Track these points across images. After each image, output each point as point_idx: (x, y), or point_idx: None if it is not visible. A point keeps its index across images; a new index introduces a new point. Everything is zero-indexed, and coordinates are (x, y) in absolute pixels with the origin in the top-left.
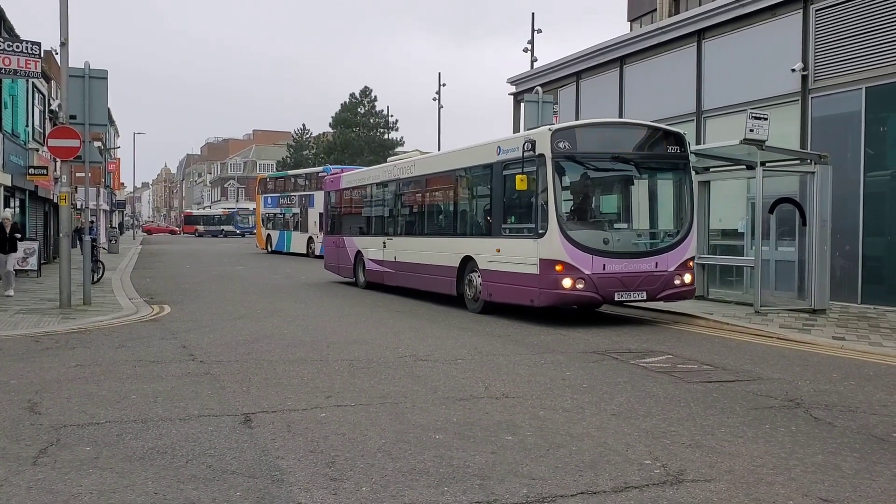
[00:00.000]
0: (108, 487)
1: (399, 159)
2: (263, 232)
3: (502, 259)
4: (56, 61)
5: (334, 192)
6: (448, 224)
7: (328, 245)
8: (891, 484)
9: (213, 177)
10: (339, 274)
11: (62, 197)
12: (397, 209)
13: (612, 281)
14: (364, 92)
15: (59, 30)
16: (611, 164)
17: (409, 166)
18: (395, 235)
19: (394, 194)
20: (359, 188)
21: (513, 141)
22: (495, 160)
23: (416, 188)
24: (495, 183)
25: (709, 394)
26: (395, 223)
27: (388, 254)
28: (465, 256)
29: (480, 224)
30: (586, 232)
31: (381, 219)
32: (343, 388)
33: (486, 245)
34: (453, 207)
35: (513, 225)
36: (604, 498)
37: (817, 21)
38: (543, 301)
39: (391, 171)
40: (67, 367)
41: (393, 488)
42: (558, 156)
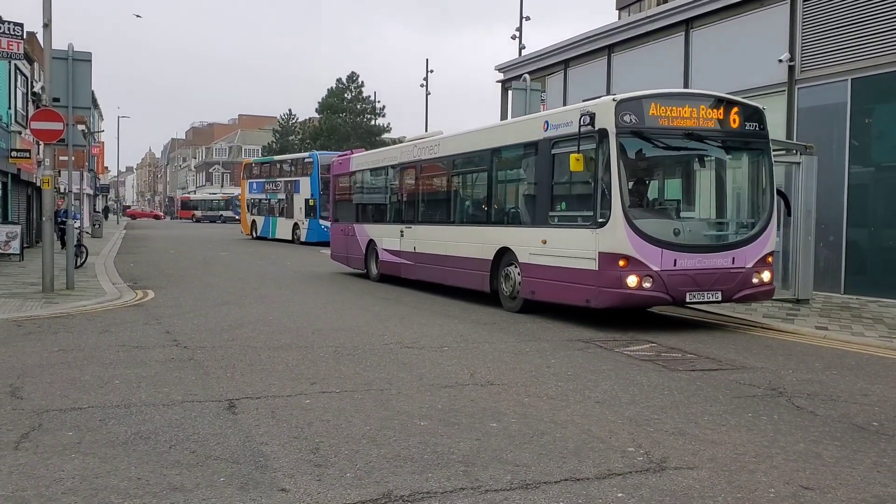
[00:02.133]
0: (90, 472)
1: (420, 138)
2: (248, 217)
3: (549, 252)
4: (39, 43)
5: (343, 175)
6: (480, 211)
7: (335, 233)
8: (870, 472)
9: (197, 161)
10: (348, 265)
11: (45, 180)
12: (418, 194)
13: (683, 279)
14: (351, 77)
15: (42, 11)
16: (682, 141)
17: (433, 146)
18: (414, 223)
19: (414, 177)
20: (372, 171)
21: (564, 114)
22: (541, 137)
23: (442, 170)
24: (541, 163)
25: (692, 382)
26: (415, 210)
27: (407, 244)
28: (500, 248)
29: (521, 211)
30: (655, 221)
31: (398, 205)
32: (328, 375)
33: (528, 235)
34: (487, 192)
35: (563, 212)
36: (587, 485)
37: (805, 12)
38: (603, 301)
39: (411, 151)
40: (50, 352)
41: (377, 474)
42: (623, 131)
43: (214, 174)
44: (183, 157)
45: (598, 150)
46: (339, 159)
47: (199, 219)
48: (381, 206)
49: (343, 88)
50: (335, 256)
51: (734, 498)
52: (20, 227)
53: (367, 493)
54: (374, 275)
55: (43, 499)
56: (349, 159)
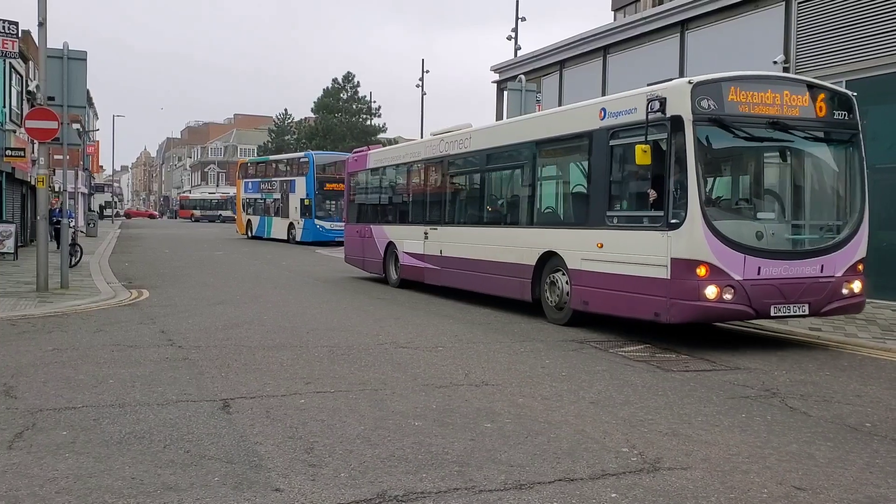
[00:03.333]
0: (84, 472)
1: (447, 132)
2: (243, 217)
3: (607, 257)
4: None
5: (359, 172)
6: (520, 210)
7: (350, 235)
8: (862, 472)
9: (193, 161)
10: (363, 269)
11: (40, 179)
12: (445, 192)
13: (768, 290)
14: (347, 77)
15: (37, 9)
16: (765, 131)
17: (463, 139)
18: (440, 224)
19: (440, 174)
20: (392, 168)
21: (626, 100)
22: (597, 126)
23: (473, 166)
24: (596, 156)
25: (686, 383)
26: (442, 210)
27: (432, 247)
28: (545, 253)
29: (570, 211)
30: (736, 223)
31: (421, 204)
32: (323, 375)
33: (579, 238)
34: (529, 189)
35: (624, 212)
36: (581, 485)
37: (799, 13)
38: (676, 315)
39: (437, 146)
40: (44, 351)
41: (371, 474)
42: (701, 118)
43: (210, 174)
44: (178, 156)
45: (670, 141)
46: (356, 156)
47: (197, 218)
48: (402, 205)
49: (339, 88)
50: (350, 259)
51: (727, 498)
52: (14, 226)
53: (361, 493)
54: (393, 280)
55: (36, 498)
56: (366, 156)
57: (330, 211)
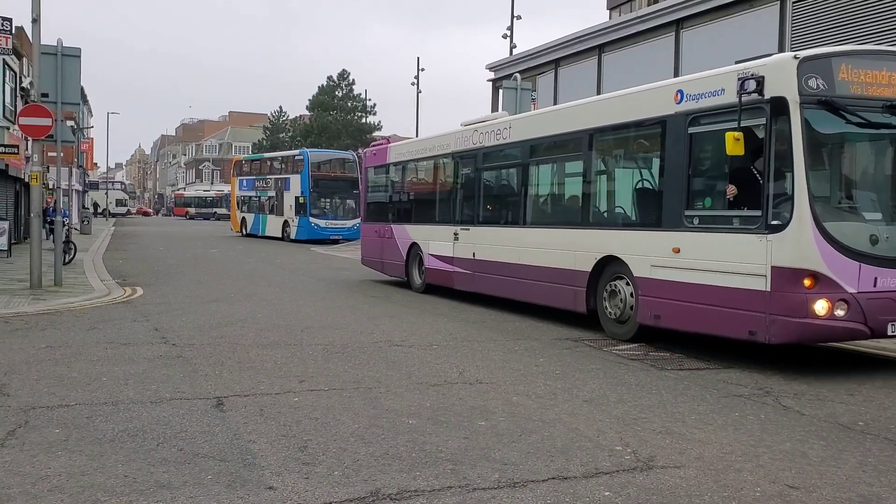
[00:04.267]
0: (77, 470)
1: (481, 121)
2: (238, 215)
3: (685, 263)
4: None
5: (378, 167)
6: (572, 209)
7: (368, 235)
8: (855, 471)
9: (187, 158)
10: (383, 271)
11: (33, 176)
12: (479, 189)
13: (885, 304)
14: (342, 75)
15: (31, 6)
16: (882, 115)
17: (501, 129)
18: (473, 224)
19: (473, 168)
20: (416, 162)
21: (711, 80)
22: (672, 112)
23: (514, 159)
24: (671, 146)
25: (680, 381)
26: (475, 208)
27: (463, 249)
28: (604, 257)
29: (637, 209)
30: (850, 225)
31: (451, 202)
32: (317, 373)
33: (649, 241)
34: (583, 185)
35: (708, 211)
36: (574, 483)
37: (794, 14)
38: (778, 335)
39: (469, 137)
40: (37, 349)
41: (365, 473)
42: (809, 100)
43: (204, 171)
44: (173, 153)
45: (769, 127)
46: (374, 149)
47: (192, 216)
48: (427, 203)
49: (334, 86)
50: (367, 261)
51: (720, 496)
52: (8, 224)
53: (354, 491)
54: (417, 284)
55: (29, 496)
56: (386, 149)
57: (325, 209)
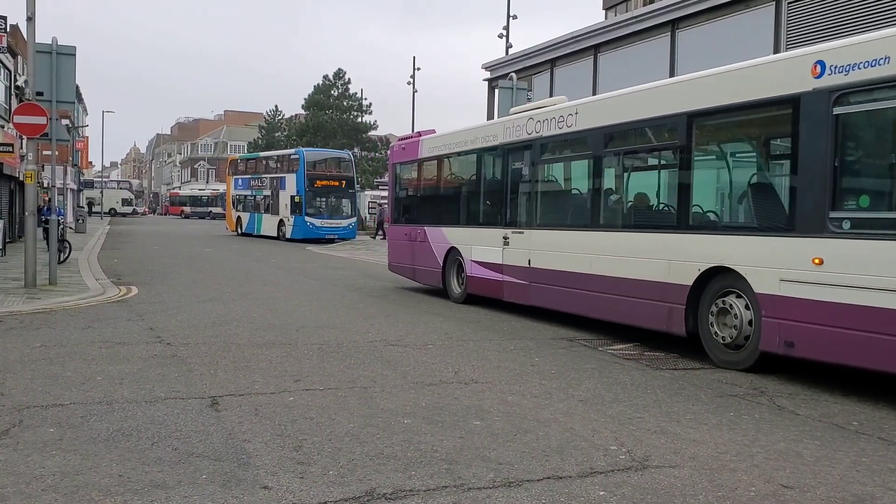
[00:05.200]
0: (71, 469)
1: (538, 107)
2: (233, 214)
3: (831, 278)
4: (23, 36)
5: (408, 163)
6: (665, 209)
7: (395, 237)
8: (849, 471)
9: (183, 157)
10: (414, 279)
11: (28, 175)
12: (535, 186)
13: None
14: (337, 74)
15: (26, 4)
16: None
17: (566, 116)
18: (529, 227)
19: (528, 162)
20: (455, 157)
21: (865, 48)
22: (809, 88)
23: (583, 150)
24: (808, 130)
25: (675, 381)
26: (531, 208)
27: (515, 255)
28: (711, 268)
29: (758, 210)
30: None
31: (498, 201)
32: (312, 372)
33: (778, 249)
34: (679, 179)
35: (865, 213)
36: (569, 483)
37: (789, 14)
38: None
39: (523, 126)
40: (32, 348)
41: (360, 472)
42: None
43: (199, 170)
44: (168, 152)
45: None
46: (403, 143)
47: (187, 215)
48: (469, 203)
49: (329, 85)
50: (395, 267)
51: (715, 496)
52: (3, 223)
53: (349, 490)
54: (456, 294)
55: (23, 496)
56: (418, 143)
57: (320, 208)
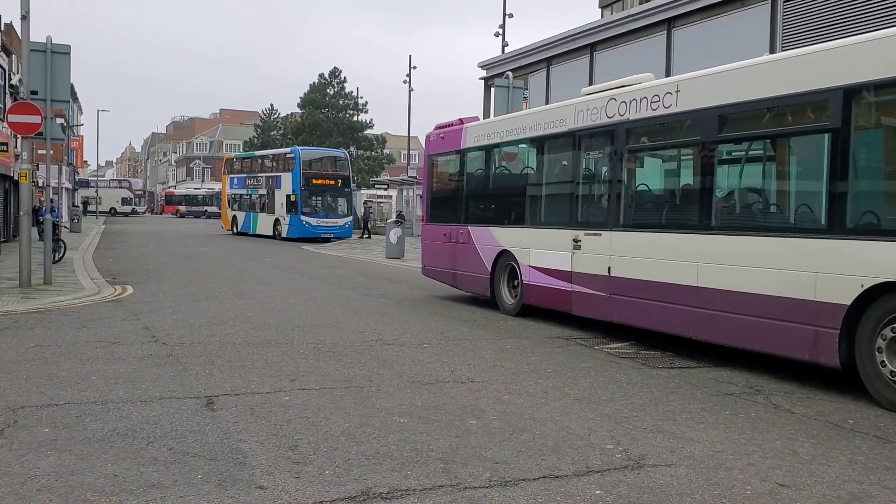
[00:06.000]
0: (66, 469)
1: (618, 87)
2: (229, 213)
3: None
4: (17, 35)
5: (447, 154)
6: (807, 208)
7: (432, 238)
8: (845, 469)
9: (178, 156)
10: (455, 285)
11: (23, 174)
12: (618, 179)
13: None
14: (333, 73)
15: (20, 2)
16: None
17: (661, 95)
18: (608, 228)
19: (609, 151)
20: (508, 146)
21: None
22: None
23: (687, 135)
24: None
25: (671, 380)
26: (613, 205)
27: (589, 261)
28: (878, 285)
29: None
30: None
31: (567, 197)
32: (308, 372)
33: None
34: (830, 170)
35: None
36: (566, 482)
37: (785, 13)
38: None
39: (603, 108)
40: (26, 348)
41: (356, 472)
42: None
43: (195, 169)
44: (163, 151)
45: None
46: (442, 132)
47: (183, 214)
48: (527, 199)
49: (325, 84)
50: (431, 272)
51: (711, 495)
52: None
53: (345, 490)
54: (508, 304)
55: (17, 496)
56: (461, 131)
57: (316, 207)
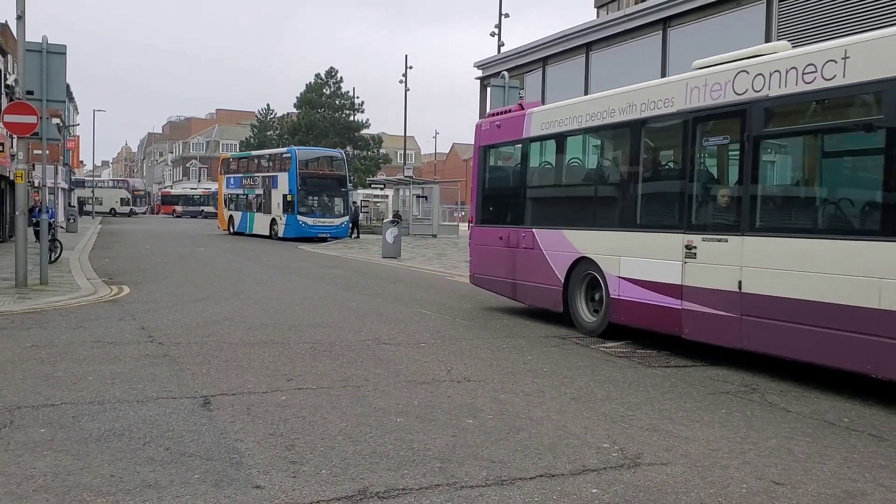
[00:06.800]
0: (62, 470)
1: (744, 57)
2: (225, 213)
3: None
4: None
5: (503, 145)
6: None
7: (485, 242)
8: (840, 467)
9: (174, 156)
10: (514, 297)
11: (18, 174)
12: (751, 170)
13: None
14: (329, 73)
15: (16, 2)
16: None
17: (819, 65)
18: (736, 232)
19: (736, 137)
20: (589, 133)
21: None
22: None
23: (851, 115)
24: None
25: (667, 379)
26: (745, 203)
27: (709, 272)
28: None
29: None
30: None
31: (674, 193)
32: (304, 371)
33: None
34: None
35: None
36: (562, 481)
37: (780, 12)
38: None
39: (726, 84)
40: (23, 348)
41: (353, 471)
42: None
43: (191, 169)
44: (160, 151)
45: None
46: (497, 120)
47: (179, 214)
48: (615, 195)
49: (321, 84)
50: (482, 280)
51: (707, 493)
52: None
53: (342, 489)
54: (587, 321)
55: (14, 497)
56: (524, 118)
57: (313, 207)
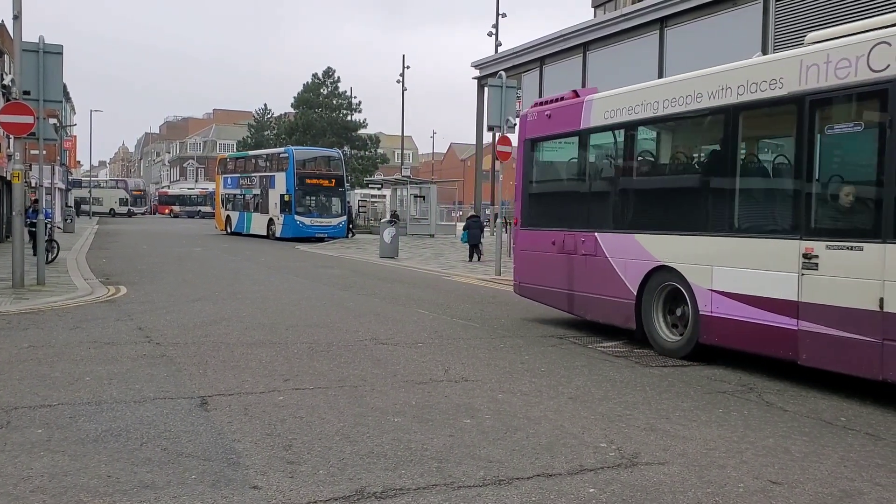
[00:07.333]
0: (59, 470)
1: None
2: (223, 213)
3: None
4: (9, 35)
5: (560, 137)
6: None
7: (532, 247)
8: (837, 466)
9: (171, 156)
10: (572, 311)
11: (15, 174)
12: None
13: None
14: (327, 73)
15: (12, 2)
16: None
17: None
18: (877, 239)
19: (871, 124)
20: (667, 122)
21: None
22: None
23: None
24: None
25: (664, 378)
26: (886, 205)
27: (835, 287)
28: None
29: None
30: None
31: (784, 191)
32: (302, 372)
33: None
34: None
35: None
36: (559, 480)
37: (777, 12)
38: None
39: (856, 60)
40: (19, 349)
41: (350, 471)
42: None
43: (188, 169)
44: (157, 151)
45: None
46: (548, 110)
47: (177, 214)
48: (705, 193)
49: (319, 84)
50: (529, 290)
51: (704, 493)
52: None
53: (339, 489)
54: (669, 343)
55: (10, 497)
56: (581, 106)
57: (310, 207)
